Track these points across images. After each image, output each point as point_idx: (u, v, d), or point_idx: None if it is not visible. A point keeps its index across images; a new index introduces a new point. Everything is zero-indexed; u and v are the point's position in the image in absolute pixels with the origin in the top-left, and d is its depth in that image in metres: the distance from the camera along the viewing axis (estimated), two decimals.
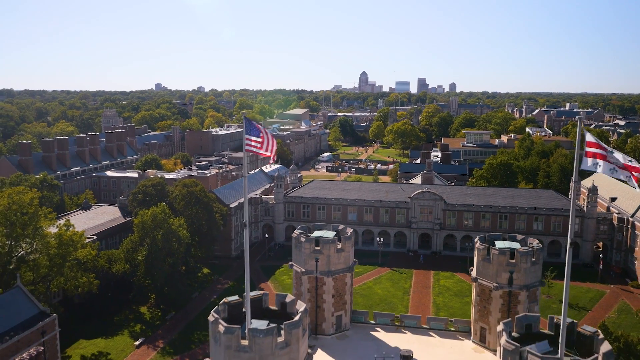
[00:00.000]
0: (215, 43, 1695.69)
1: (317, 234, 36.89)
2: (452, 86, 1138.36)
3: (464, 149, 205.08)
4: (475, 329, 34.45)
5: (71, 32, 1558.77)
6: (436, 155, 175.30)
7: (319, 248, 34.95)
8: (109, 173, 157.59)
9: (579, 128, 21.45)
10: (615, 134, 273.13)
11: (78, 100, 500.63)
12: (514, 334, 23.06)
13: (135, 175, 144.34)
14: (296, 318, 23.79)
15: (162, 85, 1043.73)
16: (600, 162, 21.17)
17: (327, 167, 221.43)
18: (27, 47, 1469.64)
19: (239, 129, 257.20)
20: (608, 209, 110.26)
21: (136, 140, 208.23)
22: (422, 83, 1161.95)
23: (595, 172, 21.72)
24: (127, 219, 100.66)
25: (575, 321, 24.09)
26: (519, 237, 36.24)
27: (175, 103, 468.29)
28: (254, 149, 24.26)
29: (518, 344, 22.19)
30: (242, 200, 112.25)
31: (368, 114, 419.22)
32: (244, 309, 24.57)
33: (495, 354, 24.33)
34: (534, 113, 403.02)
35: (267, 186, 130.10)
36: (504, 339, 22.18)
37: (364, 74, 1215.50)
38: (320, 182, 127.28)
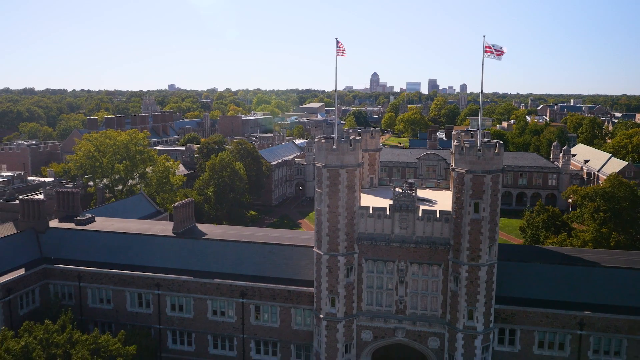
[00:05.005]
0: (226, 45, 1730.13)
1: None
2: (463, 87, 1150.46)
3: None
4: (452, 184, 58.52)
5: (86, 34, 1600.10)
6: (442, 134, 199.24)
7: (359, 137, 59.32)
8: (158, 147, 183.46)
9: (482, 52, 45.40)
10: (610, 124, 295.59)
11: (105, 96, 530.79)
12: None
13: (182, 148, 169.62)
14: (358, 138, 48.04)
15: (176, 86, 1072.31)
16: (491, 54, 45.15)
17: None
18: (46, 48, 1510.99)
19: (264, 116, 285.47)
20: (582, 168, 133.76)
21: (174, 124, 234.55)
22: (432, 84, 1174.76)
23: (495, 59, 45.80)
24: (190, 171, 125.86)
25: (492, 140, 47.84)
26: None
27: (197, 98, 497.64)
28: (341, 52, 48.03)
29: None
30: (280, 160, 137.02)
31: (380, 108, 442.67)
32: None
33: None
34: (539, 108, 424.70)
35: (298, 153, 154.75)
36: (455, 142, 46.15)
37: (375, 75, 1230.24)
38: None
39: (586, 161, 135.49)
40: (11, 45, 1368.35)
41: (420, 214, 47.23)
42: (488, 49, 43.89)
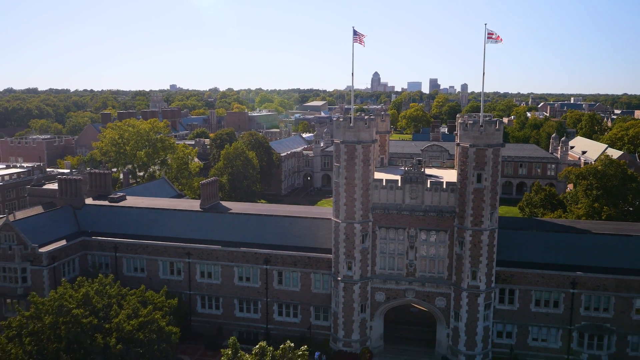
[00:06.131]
0: (227, 44, 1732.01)
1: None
2: (464, 87, 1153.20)
3: None
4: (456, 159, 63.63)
5: (84, 34, 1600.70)
6: (444, 129, 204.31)
7: (373, 117, 64.55)
8: None
9: (484, 41, 50.54)
10: (610, 120, 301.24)
11: (110, 95, 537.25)
12: None
13: (192, 142, 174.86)
14: (372, 117, 53.14)
15: (177, 86, 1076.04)
16: (491, 39, 50.39)
17: None
18: (46, 48, 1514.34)
19: (270, 113, 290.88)
20: (579, 159, 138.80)
21: (181, 120, 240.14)
22: (433, 83, 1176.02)
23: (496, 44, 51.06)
24: (204, 162, 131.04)
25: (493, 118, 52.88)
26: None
27: (200, 96, 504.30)
28: (360, 40, 53.23)
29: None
30: (289, 152, 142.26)
31: (382, 106, 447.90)
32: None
33: None
34: (539, 106, 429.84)
35: (305, 146, 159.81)
36: (459, 119, 51.22)
37: (376, 75, 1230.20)
38: None
39: (584, 152, 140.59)
40: (11, 45, 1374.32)
41: (428, 185, 52.44)
42: (489, 36, 49.14)
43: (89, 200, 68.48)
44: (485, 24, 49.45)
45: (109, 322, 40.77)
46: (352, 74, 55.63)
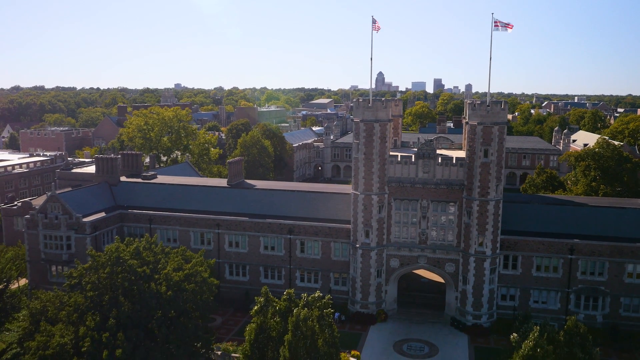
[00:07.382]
0: (231, 43, 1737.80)
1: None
2: (468, 87, 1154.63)
3: None
4: (465, 145, 68.80)
5: (86, 31, 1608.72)
6: (450, 124, 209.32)
7: (389, 99, 69.77)
8: None
9: (491, 30, 55.68)
10: (613, 118, 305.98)
11: (117, 92, 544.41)
12: None
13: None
14: (389, 99, 58.30)
15: (182, 85, 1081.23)
16: (497, 27, 55.59)
17: None
18: (47, 46, 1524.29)
19: (278, 109, 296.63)
20: None
21: (192, 115, 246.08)
22: (438, 83, 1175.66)
23: (506, 32, 56.40)
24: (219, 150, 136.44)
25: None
26: None
27: (207, 94, 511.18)
28: (377, 28, 58.47)
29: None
30: (300, 143, 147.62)
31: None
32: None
33: None
34: (543, 104, 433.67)
35: (315, 139, 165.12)
36: (468, 101, 56.49)
37: (380, 74, 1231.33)
38: None
39: (585, 145, 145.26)
40: (15, 42, 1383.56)
41: (439, 161, 57.73)
42: (496, 24, 54.33)
43: (122, 178, 73.90)
44: (492, 14, 54.67)
45: (157, 273, 46.02)
46: (371, 58, 60.88)
